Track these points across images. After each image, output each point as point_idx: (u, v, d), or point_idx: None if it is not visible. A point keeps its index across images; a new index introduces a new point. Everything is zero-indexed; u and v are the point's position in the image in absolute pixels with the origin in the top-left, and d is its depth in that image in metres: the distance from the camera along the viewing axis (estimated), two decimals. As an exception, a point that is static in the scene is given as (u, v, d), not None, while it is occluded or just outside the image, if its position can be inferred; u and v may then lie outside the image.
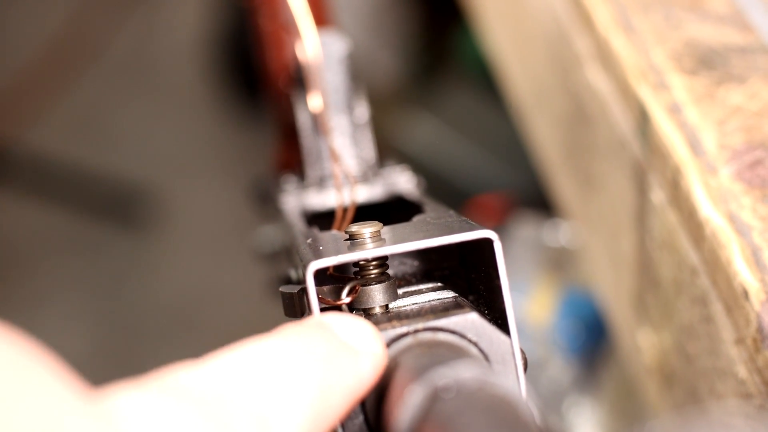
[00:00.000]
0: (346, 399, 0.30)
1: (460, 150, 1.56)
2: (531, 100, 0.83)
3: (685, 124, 0.53)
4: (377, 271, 0.37)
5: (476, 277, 0.40)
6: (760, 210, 0.48)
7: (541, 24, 0.74)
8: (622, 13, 0.61)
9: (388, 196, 0.55)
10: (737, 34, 0.59)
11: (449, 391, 0.28)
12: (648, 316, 0.60)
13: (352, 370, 0.31)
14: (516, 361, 0.36)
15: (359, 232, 0.37)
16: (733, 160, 0.51)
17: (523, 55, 0.83)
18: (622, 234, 0.62)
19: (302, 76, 0.57)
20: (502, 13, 0.89)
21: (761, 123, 0.52)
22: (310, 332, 0.31)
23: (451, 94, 1.64)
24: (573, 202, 0.75)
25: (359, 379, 0.31)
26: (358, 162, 0.57)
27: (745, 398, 0.47)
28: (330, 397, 0.29)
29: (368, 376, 0.31)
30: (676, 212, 0.52)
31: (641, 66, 0.57)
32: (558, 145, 0.76)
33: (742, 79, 0.55)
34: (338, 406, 0.30)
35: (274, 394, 0.28)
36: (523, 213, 1.26)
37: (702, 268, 0.50)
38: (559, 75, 0.71)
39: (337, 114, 0.57)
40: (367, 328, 0.32)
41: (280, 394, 0.28)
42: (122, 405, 0.25)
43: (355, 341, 0.32)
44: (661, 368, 0.58)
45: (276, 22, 0.67)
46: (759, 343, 0.44)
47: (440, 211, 0.43)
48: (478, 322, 0.35)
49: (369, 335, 0.32)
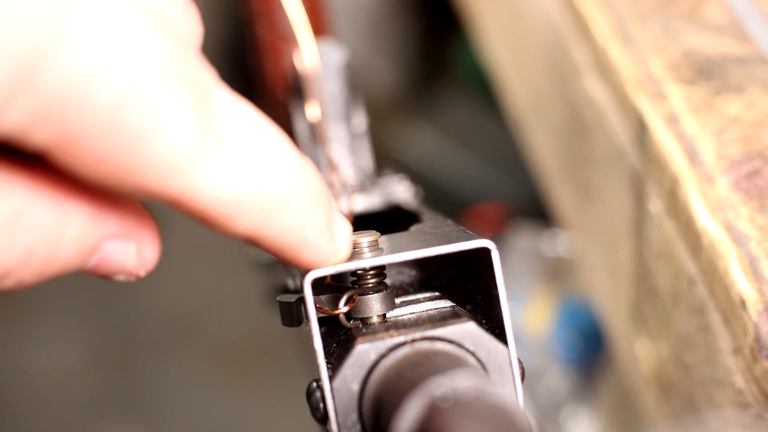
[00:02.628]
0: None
1: (458, 160, 1.56)
2: (529, 110, 0.84)
3: (683, 134, 0.53)
4: (375, 281, 0.37)
5: (474, 287, 0.40)
6: (758, 220, 0.48)
7: (540, 34, 0.74)
8: (620, 24, 0.61)
9: (386, 206, 0.55)
10: (735, 45, 0.59)
11: (447, 401, 0.28)
12: (645, 325, 0.60)
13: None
14: (513, 371, 0.36)
15: (357, 241, 0.37)
16: (730, 170, 0.51)
17: (521, 65, 0.83)
18: (620, 244, 0.62)
19: (300, 86, 0.57)
20: (501, 23, 0.89)
21: (759, 133, 0.53)
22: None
23: (449, 104, 1.64)
24: (571, 212, 0.75)
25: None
26: (355, 171, 0.57)
27: (742, 408, 0.47)
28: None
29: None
30: (674, 222, 0.52)
31: (639, 76, 0.57)
32: (556, 155, 0.76)
33: (740, 89, 0.55)
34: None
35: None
36: (520, 223, 1.26)
37: (699, 277, 0.50)
38: (557, 85, 0.71)
39: (334, 123, 0.57)
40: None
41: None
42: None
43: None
44: (658, 378, 0.58)
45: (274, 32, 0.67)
46: (756, 352, 0.44)
47: (438, 221, 0.43)
48: (475, 331, 0.35)
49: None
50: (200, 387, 1.51)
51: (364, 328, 0.36)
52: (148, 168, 0.28)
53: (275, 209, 0.31)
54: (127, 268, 0.31)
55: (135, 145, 0.27)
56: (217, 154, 0.29)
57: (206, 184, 0.29)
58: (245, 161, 0.30)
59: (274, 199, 0.31)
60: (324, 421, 0.35)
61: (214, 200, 0.29)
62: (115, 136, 0.27)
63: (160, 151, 0.28)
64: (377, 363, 0.34)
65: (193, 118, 0.28)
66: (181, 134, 0.28)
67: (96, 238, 0.30)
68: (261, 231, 0.31)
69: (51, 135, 0.26)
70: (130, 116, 0.27)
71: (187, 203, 0.29)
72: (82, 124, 0.26)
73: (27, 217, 0.28)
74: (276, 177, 0.31)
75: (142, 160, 0.28)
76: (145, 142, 0.27)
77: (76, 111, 0.26)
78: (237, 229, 0.31)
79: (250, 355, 1.54)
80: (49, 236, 0.29)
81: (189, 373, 1.54)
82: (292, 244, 0.32)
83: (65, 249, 0.29)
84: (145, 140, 0.27)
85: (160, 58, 0.27)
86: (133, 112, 0.27)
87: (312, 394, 0.35)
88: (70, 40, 0.26)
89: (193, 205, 0.29)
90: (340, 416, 0.35)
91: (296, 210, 0.31)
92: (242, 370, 1.52)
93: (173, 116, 0.27)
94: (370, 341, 0.35)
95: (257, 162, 0.30)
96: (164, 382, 1.52)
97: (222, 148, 0.29)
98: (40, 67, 0.25)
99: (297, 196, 0.31)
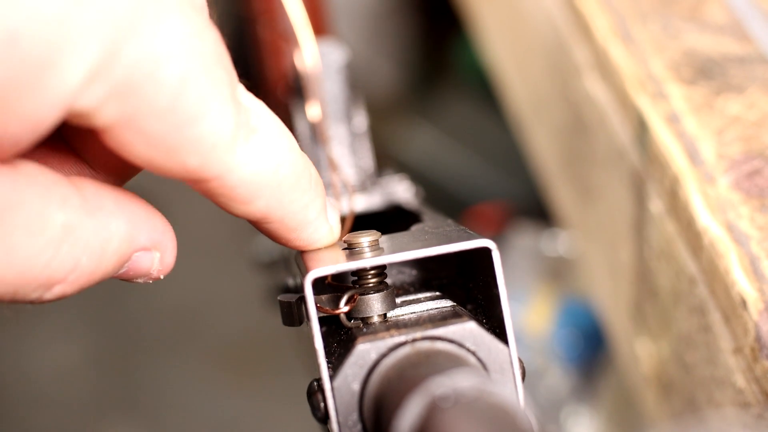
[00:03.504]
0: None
1: (458, 159, 1.56)
2: (530, 109, 0.83)
3: (684, 133, 0.53)
4: (375, 280, 0.37)
5: (474, 287, 0.40)
6: (758, 219, 0.48)
7: (540, 34, 0.74)
8: (621, 23, 0.61)
9: (387, 206, 0.55)
10: (736, 44, 0.59)
11: (447, 400, 0.28)
12: (646, 325, 0.60)
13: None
14: (514, 370, 0.36)
15: (357, 241, 0.37)
16: (731, 170, 0.51)
17: (522, 64, 0.83)
18: (621, 243, 0.62)
19: (301, 86, 0.57)
20: (501, 22, 0.89)
21: (759, 133, 0.53)
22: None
23: (449, 104, 1.64)
24: (571, 212, 0.75)
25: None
26: (356, 171, 0.57)
27: (743, 407, 0.47)
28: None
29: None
30: (675, 222, 0.52)
31: (640, 76, 0.57)
32: (556, 154, 0.76)
33: (740, 89, 0.55)
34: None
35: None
36: (521, 222, 1.26)
37: (700, 277, 0.50)
38: (557, 84, 0.71)
39: (335, 123, 0.57)
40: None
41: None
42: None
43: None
44: (659, 377, 0.58)
45: (275, 32, 0.67)
46: (757, 352, 0.44)
47: (438, 221, 0.43)
48: (476, 331, 0.35)
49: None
50: (201, 386, 1.52)
51: (364, 328, 0.36)
52: (192, 147, 0.31)
53: (288, 191, 0.34)
54: (150, 273, 0.34)
55: (184, 125, 0.30)
56: (248, 139, 0.32)
57: (238, 165, 0.32)
58: (268, 147, 0.33)
59: (288, 181, 0.34)
60: (325, 420, 0.35)
61: (241, 180, 0.32)
62: (169, 116, 0.30)
63: (205, 133, 0.31)
64: (378, 362, 0.34)
65: (231, 105, 0.31)
66: (222, 118, 0.31)
67: (131, 250, 0.33)
68: (273, 211, 0.34)
69: (117, 112, 0.29)
70: (185, 99, 0.30)
71: (218, 182, 0.32)
72: (146, 102, 0.29)
73: (76, 232, 0.30)
74: (289, 162, 0.34)
75: (188, 140, 0.31)
76: (192, 124, 0.30)
77: (143, 90, 0.29)
78: (253, 209, 0.34)
79: (251, 355, 1.54)
80: (94, 250, 0.31)
81: (190, 371, 1.54)
82: (297, 224, 0.36)
83: (107, 261, 0.32)
84: (193, 122, 0.30)
85: (211, 49, 0.31)
86: (188, 96, 0.30)
87: (313, 393, 0.35)
88: (145, 26, 0.29)
89: (224, 184, 0.32)
90: (340, 416, 0.35)
91: (302, 192, 0.35)
92: (243, 369, 1.52)
93: (218, 102, 0.31)
94: (370, 341, 0.35)
95: (276, 148, 0.33)
96: (165, 380, 1.52)
97: (250, 133, 0.32)
98: (121, 47, 0.28)
99: (303, 179, 0.35)
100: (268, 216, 0.34)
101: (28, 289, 0.30)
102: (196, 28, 0.30)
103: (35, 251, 0.29)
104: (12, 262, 0.29)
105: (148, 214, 0.34)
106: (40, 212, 0.29)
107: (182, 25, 0.30)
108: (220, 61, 0.31)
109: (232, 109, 0.31)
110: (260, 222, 0.35)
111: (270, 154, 0.33)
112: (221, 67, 0.31)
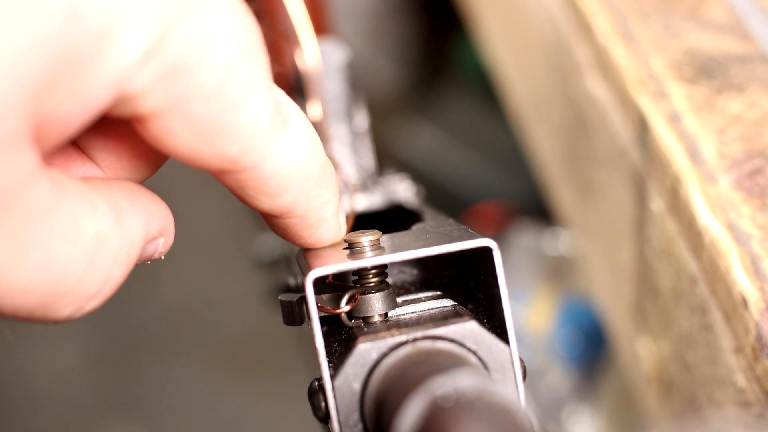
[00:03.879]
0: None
1: (459, 159, 1.56)
2: (530, 108, 0.83)
3: (685, 132, 0.53)
4: (376, 280, 0.37)
5: (475, 286, 0.40)
6: (759, 219, 0.48)
7: (541, 33, 0.74)
8: (622, 22, 0.61)
9: (388, 205, 0.55)
10: (737, 43, 0.59)
11: (448, 400, 0.28)
12: (647, 324, 0.60)
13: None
14: (515, 370, 0.36)
15: (358, 240, 0.37)
16: (732, 169, 0.51)
17: (523, 63, 0.83)
18: (622, 243, 0.62)
19: (302, 85, 0.57)
20: (502, 21, 0.89)
21: (760, 132, 0.53)
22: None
23: (450, 103, 1.64)
24: (572, 211, 0.75)
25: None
26: (357, 170, 0.57)
27: (744, 407, 0.47)
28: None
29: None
30: (676, 221, 0.52)
31: (641, 75, 0.57)
32: (557, 153, 0.76)
33: (741, 88, 0.55)
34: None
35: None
36: (522, 222, 1.26)
37: (701, 276, 0.50)
38: (558, 84, 0.71)
39: (336, 122, 0.57)
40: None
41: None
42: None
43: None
44: (660, 377, 0.58)
45: (276, 31, 0.67)
46: (758, 351, 0.44)
47: (439, 220, 0.43)
48: (477, 330, 0.35)
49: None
50: (202, 386, 1.51)
51: (365, 327, 0.36)
52: (232, 134, 0.31)
53: (314, 185, 0.34)
54: (152, 257, 0.34)
55: (228, 110, 0.30)
56: (283, 129, 0.32)
57: (273, 154, 0.32)
58: (299, 139, 0.33)
59: (315, 175, 0.34)
60: (325, 420, 0.35)
61: (274, 171, 0.32)
62: (215, 100, 0.30)
63: (247, 119, 0.31)
64: (379, 362, 0.34)
65: (270, 94, 0.31)
66: (263, 105, 0.31)
67: (145, 244, 0.33)
68: (298, 206, 0.34)
69: (165, 96, 0.29)
70: (231, 82, 0.30)
71: (253, 172, 0.32)
72: (194, 86, 0.29)
73: (107, 241, 0.30)
74: (316, 156, 0.34)
75: (230, 126, 0.30)
76: (235, 109, 0.30)
77: (191, 72, 0.29)
78: (280, 202, 0.34)
79: (252, 354, 1.54)
80: (122, 258, 0.30)
81: (191, 371, 1.54)
82: (316, 220, 0.35)
83: (129, 267, 0.31)
84: (236, 107, 0.30)
85: (253, 33, 0.31)
86: (234, 79, 0.30)
87: (313, 393, 0.35)
88: (195, 8, 0.29)
89: (257, 175, 0.32)
90: (341, 415, 0.35)
91: (325, 188, 0.35)
92: (244, 369, 1.52)
93: (259, 87, 0.31)
94: (371, 340, 0.35)
95: (306, 141, 0.33)
96: (166, 380, 1.52)
97: (285, 124, 0.32)
98: (173, 27, 0.28)
99: (326, 175, 0.35)
100: (292, 210, 0.34)
101: (62, 304, 0.29)
102: (239, 11, 0.30)
103: (71, 259, 0.28)
104: (48, 270, 0.28)
105: (155, 204, 0.33)
106: (74, 218, 0.28)
107: (228, 7, 0.30)
108: (260, 45, 0.31)
109: (271, 97, 0.31)
110: (282, 216, 0.35)
111: (301, 146, 0.33)
112: (261, 52, 0.31)
